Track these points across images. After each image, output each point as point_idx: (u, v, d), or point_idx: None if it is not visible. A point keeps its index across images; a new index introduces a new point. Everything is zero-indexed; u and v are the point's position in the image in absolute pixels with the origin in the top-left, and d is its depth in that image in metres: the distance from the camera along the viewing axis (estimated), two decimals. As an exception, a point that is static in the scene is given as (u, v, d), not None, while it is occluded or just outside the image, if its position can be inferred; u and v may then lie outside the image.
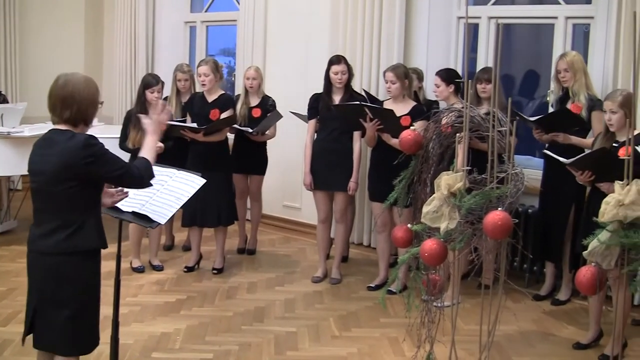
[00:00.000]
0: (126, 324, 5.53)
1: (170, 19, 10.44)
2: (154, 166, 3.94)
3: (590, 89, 6.30)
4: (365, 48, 7.94)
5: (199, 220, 6.96)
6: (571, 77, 6.24)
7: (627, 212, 3.40)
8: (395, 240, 4.69)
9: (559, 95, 6.47)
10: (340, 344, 5.52)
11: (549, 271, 6.74)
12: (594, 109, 6.14)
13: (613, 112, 5.21)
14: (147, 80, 6.88)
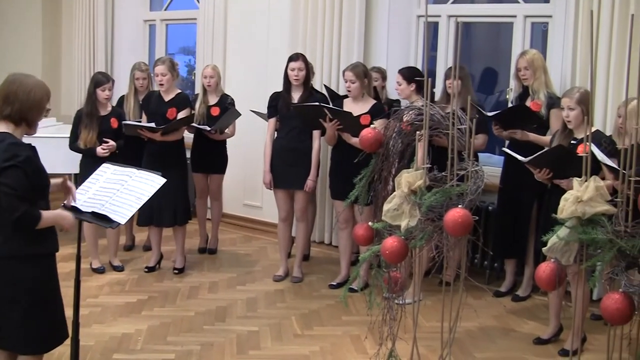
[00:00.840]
0: (87, 325, 5.48)
1: (129, 18, 10.34)
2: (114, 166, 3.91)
3: (550, 87, 6.35)
4: (325, 47, 7.94)
5: (156, 219, 6.91)
6: (531, 75, 6.29)
7: (586, 208, 3.43)
8: (356, 238, 4.69)
9: (518, 93, 6.52)
10: (303, 342, 5.53)
11: (509, 268, 6.79)
12: (553, 107, 6.20)
13: (571, 109, 5.25)
14: (97, 78, 6.80)
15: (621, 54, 6.17)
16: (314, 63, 7.66)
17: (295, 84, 6.67)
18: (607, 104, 6.28)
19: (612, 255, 3.30)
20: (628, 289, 3.23)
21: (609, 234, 3.32)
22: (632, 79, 3.41)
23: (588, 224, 3.44)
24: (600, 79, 6.31)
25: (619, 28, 6.20)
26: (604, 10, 6.24)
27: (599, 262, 3.34)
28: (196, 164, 7.34)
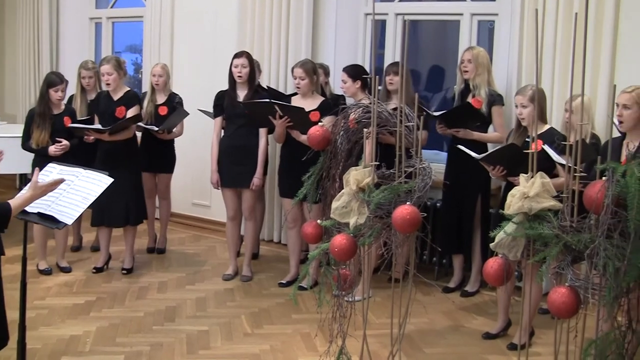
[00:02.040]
0: (33, 327, 5.39)
1: (74, 15, 10.20)
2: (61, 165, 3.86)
3: (492, 85, 6.42)
4: (273, 44, 7.93)
5: (107, 219, 6.84)
6: (473, 69, 6.34)
7: (532, 204, 3.46)
8: (305, 236, 4.69)
9: (460, 89, 6.58)
10: (253, 341, 5.52)
11: (457, 264, 6.84)
12: (494, 104, 6.28)
13: (524, 106, 5.31)
14: (50, 79, 6.72)
15: (566, 51, 6.25)
16: (261, 61, 7.66)
17: (239, 82, 6.64)
18: (553, 101, 6.36)
19: (558, 250, 3.34)
20: (574, 283, 3.26)
21: (555, 229, 3.36)
22: (576, 76, 3.45)
23: (535, 220, 3.47)
24: (545, 76, 6.39)
25: (563, 26, 6.28)
26: (549, 9, 6.32)
27: (546, 257, 3.38)
28: (144, 163, 7.28)
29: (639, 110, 4.56)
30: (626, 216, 3.02)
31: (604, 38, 6.21)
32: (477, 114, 6.20)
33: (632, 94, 4.58)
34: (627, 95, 4.59)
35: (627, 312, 3.20)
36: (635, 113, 4.57)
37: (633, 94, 4.57)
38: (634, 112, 4.57)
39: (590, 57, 6.13)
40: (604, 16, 6.18)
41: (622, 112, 4.60)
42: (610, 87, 5.94)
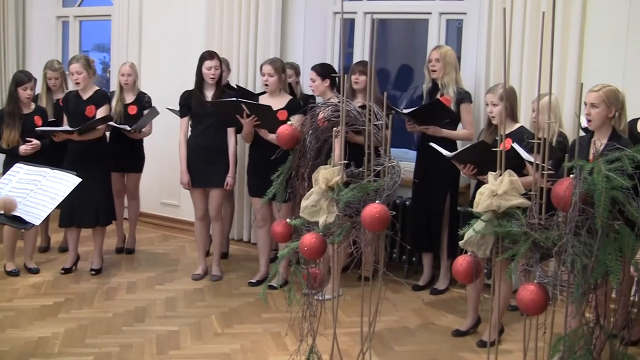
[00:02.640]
0: (1, 330, 5.38)
1: (41, 14, 10.09)
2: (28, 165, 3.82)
3: (460, 83, 6.45)
4: (241, 43, 7.91)
5: (77, 220, 6.78)
6: (441, 68, 6.37)
7: (501, 201, 3.48)
8: (274, 235, 4.68)
9: (428, 87, 6.60)
10: (223, 341, 5.50)
11: (426, 261, 6.87)
12: (462, 102, 6.31)
13: (494, 105, 5.34)
14: (18, 77, 6.67)
15: (533, 50, 6.29)
16: (230, 60, 7.63)
17: (210, 83, 6.63)
18: (521, 99, 6.38)
19: (526, 247, 3.36)
20: (542, 280, 3.28)
21: (524, 226, 3.38)
22: (544, 75, 3.47)
23: (503, 217, 3.49)
24: (513, 75, 6.42)
25: (531, 25, 6.32)
26: (517, 8, 6.36)
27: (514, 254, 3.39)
28: (113, 162, 7.22)
29: (606, 109, 4.61)
30: (593, 213, 3.05)
31: (571, 37, 6.25)
32: (446, 110, 6.22)
33: (599, 92, 4.62)
34: (595, 94, 4.64)
35: (595, 308, 3.23)
36: (603, 112, 4.61)
37: (600, 93, 4.62)
38: (602, 111, 4.62)
39: (557, 56, 6.16)
40: (571, 15, 6.22)
41: (590, 110, 4.64)
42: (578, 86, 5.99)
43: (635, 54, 6.12)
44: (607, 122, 4.66)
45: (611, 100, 4.62)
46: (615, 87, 4.71)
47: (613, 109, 4.63)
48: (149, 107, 7.24)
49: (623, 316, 3.37)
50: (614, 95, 4.65)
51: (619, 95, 4.69)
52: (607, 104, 4.61)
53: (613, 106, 4.63)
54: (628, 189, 3.01)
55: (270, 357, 5.23)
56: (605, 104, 4.60)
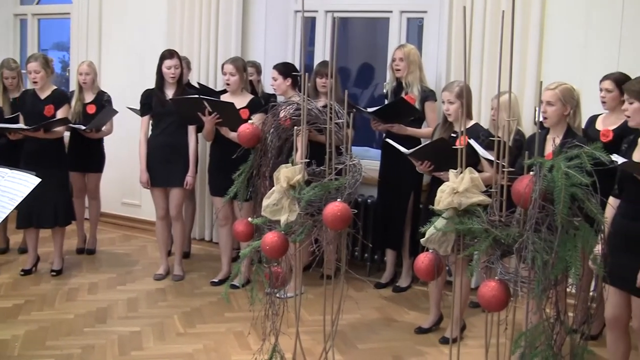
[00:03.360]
0: (-40, 332, 5.31)
1: (-2, 12, 10.01)
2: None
3: (424, 82, 6.48)
4: (202, 41, 7.89)
5: (35, 221, 6.70)
6: (405, 67, 6.39)
7: (462, 199, 3.49)
8: (236, 234, 4.67)
9: (393, 86, 6.62)
10: (186, 341, 5.48)
11: (389, 259, 6.89)
12: (427, 100, 6.34)
13: (451, 103, 5.37)
14: None
15: (493, 48, 6.33)
16: (191, 59, 7.61)
17: (170, 82, 6.60)
18: (481, 97, 6.44)
19: (487, 244, 3.37)
20: (503, 277, 3.30)
21: (485, 223, 3.39)
22: (504, 73, 3.49)
23: (464, 215, 3.50)
24: (474, 73, 6.47)
25: (491, 23, 6.37)
26: (477, 7, 6.41)
27: (475, 252, 3.41)
28: (73, 162, 7.16)
29: (562, 107, 4.67)
30: (553, 210, 3.07)
31: (530, 36, 6.31)
32: (411, 109, 6.25)
33: (555, 90, 4.68)
34: (551, 92, 4.69)
35: (555, 303, 3.25)
36: (559, 109, 4.68)
37: (556, 91, 4.68)
38: (558, 109, 4.68)
39: (517, 55, 6.21)
40: (531, 14, 6.28)
41: (546, 108, 4.70)
42: (537, 84, 6.04)
43: (594, 53, 6.19)
44: (563, 119, 4.72)
45: (567, 99, 4.69)
46: (571, 85, 4.77)
47: (569, 106, 4.70)
48: (109, 106, 7.17)
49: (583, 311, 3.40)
50: (569, 94, 4.71)
51: (574, 93, 4.75)
52: (563, 102, 4.67)
53: (569, 104, 4.69)
54: (587, 186, 3.03)
55: (233, 357, 5.22)
56: (561, 102, 4.67)
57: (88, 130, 6.99)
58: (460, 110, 5.23)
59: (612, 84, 5.41)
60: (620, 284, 4.20)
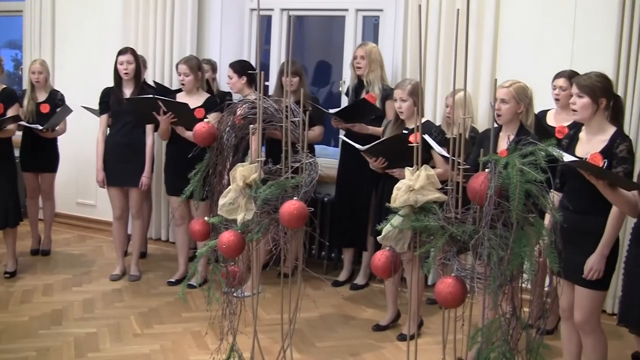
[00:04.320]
0: None
1: (-52, 10, 9.85)
2: None
3: (385, 80, 6.50)
4: (157, 40, 7.84)
5: (-16, 222, 6.61)
6: (366, 65, 6.41)
7: (418, 196, 3.50)
8: (192, 233, 4.64)
9: (354, 84, 6.64)
10: (143, 341, 5.45)
11: (346, 257, 6.91)
12: (387, 99, 6.36)
13: (403, 100, 5.40)
14: None
15: (449, 47, 6.37)
16: (146, 57, 7.56)
17: (125, 79, 6.55)
18: (437, 95, 6.48)
19: (444, 241, 3.38)
20: (460, 273, 3.32)
21: (441, 220, 3.41)
22: (458, 71, 3.51)
23: (420, 212, 3.51)
24: (429, 71, 6.50)
25: (446, 22, 6.41)
26: (432, 5, 6.45)
27: (432, 249, 3.42)
28: (26, 162, 7.08)
29: (516, 105, 4.72)
30: (508, 207, 3.09)
31: (485, 33, 6.36)
32: (372, 108, 6.27)
33: (509, 88, 4.73)
34: (505, 90, 4.74)
35: (511, 299, 3.27)
36: (513, 107, 4.73)
37: (510, 89, 4.73)
38: (512, 107, 4.73)
39: (472, 53, 6.26)
40: (485, 12, 6.33)
41: (500, 106, 4.74)
42: (492, 82, 6.09)
43: (547, 51, 6.26)
44: (516, 117, 4.78)
45: (520, 96, 4.74)
46: (524, 83, 4.82)
47: (522, 104, 4.75)
48: (62, 105, 7.10)
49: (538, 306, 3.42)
50: (523, 92, 4.76)
51: (527, 91, 4.80)
52: (517, 99, 4.72)
53: (522, 102, 4.75)
54: (541, 182, 3.06)
55: (191, 357, 5.20)
56: (515, 100, 4.72)
57: (44, 129, 6.90)
58: (412, 107, 5.27)
59: (567, 82, 5.48)
60: (566, 275, 4.25)
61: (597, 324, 4.34)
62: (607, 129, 4.21)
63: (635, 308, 3.79)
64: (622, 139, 4.15)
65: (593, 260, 4.15)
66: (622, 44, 5.90)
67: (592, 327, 4.32)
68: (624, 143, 4.12)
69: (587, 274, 4.15)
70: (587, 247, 4.18)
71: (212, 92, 7.00)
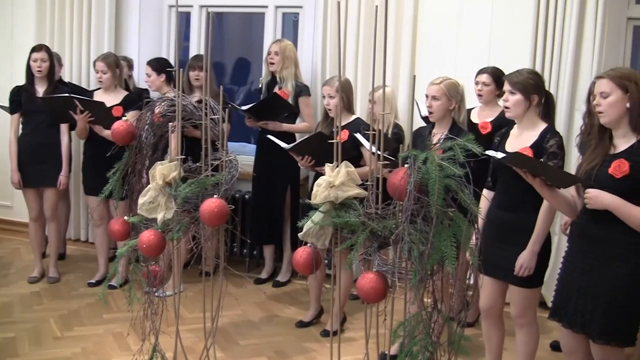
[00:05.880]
0: None
1: None
2: None
3: (299, 78, 6.51)
4: (74, 37, 7.70)
5: None
6: (279, 61, 6.42)
7: (338, 192, 3.50)
8: (112, 233, 4.59)
9: (267, 80, 6.64)
10: (64, 344, 5.36)
11: (267, 254, 6.91)
12: (300, 95, 6.39)
13: (331, 97, 5.43)
14: None
15: (368, 43, 6.41)
16: (62, 55, 7.44)
17: (38, 76, 6.43)
18: (357, 91, 6.50)
19: (365, 236, 3.39)
20: (381, 268, 3.33)
21: (361, 216, 3.42)
22: (378, 68, 3.52)
23: (341, 208, 3.52)
24: (349, 67, 6.53)
25: (365, 19, 6.44)
26: (351, 2, 6.48)
27: (353, 244, 3.43)
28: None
29: (447, 102, 4.77)
30: (428, 201, 3.11)
31: (404, 30, 6.42)
32: (284, 104, 6.27)
33: (440, 85, 4.78)
34: (436, 87, 4.78)
35: (433, 293, 3.30)
36: (444, 104, 4.78)
37: (441, 86, 4.77)
38: (443, 103, 4.78)
39: (391, 49, 6.31)
40: (404, 8, 6.39)
41: (431, 103, 4.79)
42: (411, 78, 6.15)
43: (465, 47, 6.34)
44: (448, 114, 4.83)
45: (452, 93, 4.78)
46: (456, 80, 4.87)
47: (454, 101, 4.80)
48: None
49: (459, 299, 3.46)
50: (454, 88, 4.81)
51: (459, 88, 4.86)
52: (448, 96, 4.77)
53: (453, 99, 4.80)
54: (460, 177, 3.09)
55: (113, 358, 5.15)
56: (446, 97, 4.76)
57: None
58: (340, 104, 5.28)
59: (489, 78, 5.57)
60: (497, 273, 4.31)
61: (532, 319, 4.41)
62: (538, 125, 4.28)
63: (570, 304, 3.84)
64: (552, 134, 4.21)
65: (524, 257, 4.20)
66: (538, 40, 6.02)
67: (527, 322, 4.39)
68: (554, 138, 4.18)
69: (518, 271, 4.20)
70: (519, 245, 4.23)
71: (130, 89, 6.92)
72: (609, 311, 3.68)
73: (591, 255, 3.76)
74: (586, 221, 3.81)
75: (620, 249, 3.65)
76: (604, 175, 3.68)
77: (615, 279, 3.66)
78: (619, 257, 3.66)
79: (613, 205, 3.62)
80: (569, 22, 5.92)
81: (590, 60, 5.90)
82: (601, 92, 3.70)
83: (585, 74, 5.82)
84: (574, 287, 3.84)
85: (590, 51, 5.91)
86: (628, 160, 3.62)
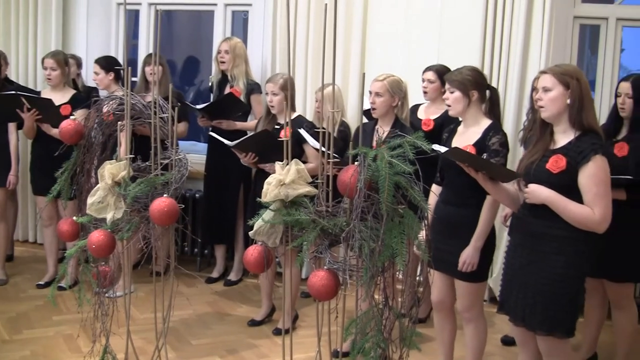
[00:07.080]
0: None
1: None
2: None
3: (250, 75, 6.51)
4: (20, 35, 7.61)
5: None
6: (230, 60, 6.41)
7: (288, 191, 3.51)
8: (61, 234, 4.55)
9: (218, 78, 6.63)
10: (12, 348, 5.27)
11: (219, 253, 6.90)
12: (252, 93, 6.39)
13: (274, 94, 5.42)
14: None
15: (318, 41, 6.42)
16: (8, 53, 7.31)
17: (-17, 76, 6.35)
18: (306, 89, 6.52)
19: (315, 234, 3.40)
20: (332, 266, 3.34)
21: (312, 214, 3.42)
22: (327, 66, 3.53)
23: (291, 206, 3.52)
24: (299, 65, 6.54)
25: (315, 16, 6.45)
26: (301, 0, 6.47)
27: (304, 242, 3.43)
28: None
29: (390, 98, 4.81)
30: (378, 199, 3.12)
31: (354, 28, 6.45)
32: (238, 103, 6.27)
33: (383, 82, 4.82)
34: (379, 83, 4.82)
35: (384, 290, 3.32)
36: (387, 100, 4.82)
37: (384, 82, 4.81)
38: (386, 100, 4.82)
39: (341, 47, 6.34)
40: (354, 7, 6.42)
41: (374, 99, 4.83)
42: (360, 76, 6.17)
43: (415, 45, 6.39)
44: (391, 110, 4.86)
45: (395, 90, 4.82)
46: (399, 77, 4.90)
47: (396, 97, 4.84)
48: None
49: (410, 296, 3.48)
50: (397, 85, 4.85)
51: (402, 85, 4.89)
52: (391, 93, 4.81)
53: (397, 95, 4.83)
54: (410, 174, 3.10)
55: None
56: (389, 93, 4.80)
57: None
58: (283, 102, 5.29)
59: (434, 75, 5.61)
60: (444, 268, 4.35)
61: (479, 313, 4.45)
62: (481, 122, 4.32)
63: (511, 298, 3.89)
64: (495, 131, 4.26)
65: (466, 253, 4.24)
66: (487, 38, 6.09)
67: (473, 316, 4.43)
68: (496, 136, 4.23)
69: (461, 266, 4.24)
70: (464, 240, 4.27)
71: (78, 88, 6.85)
72: (548, 303, 3.74)
73: (529, 249, 3.82)
74: (525, 215, 3.86)
75: (557, 242, 3.71)
76: (542, 170, 3.74)
77: (553, 272, 3.71)
78: (555, 250, 3.71)
79: (550, 199, 3.68)
80: (517, 21, 6.00)
81: (538, 58, 5.98)
82: (543, 86, 3.77)
83: (533, 71, 5.88)
84: (515, 281, 3.90)
85: (537, 49, 5.99)
86: (565, 156, 3.68)
